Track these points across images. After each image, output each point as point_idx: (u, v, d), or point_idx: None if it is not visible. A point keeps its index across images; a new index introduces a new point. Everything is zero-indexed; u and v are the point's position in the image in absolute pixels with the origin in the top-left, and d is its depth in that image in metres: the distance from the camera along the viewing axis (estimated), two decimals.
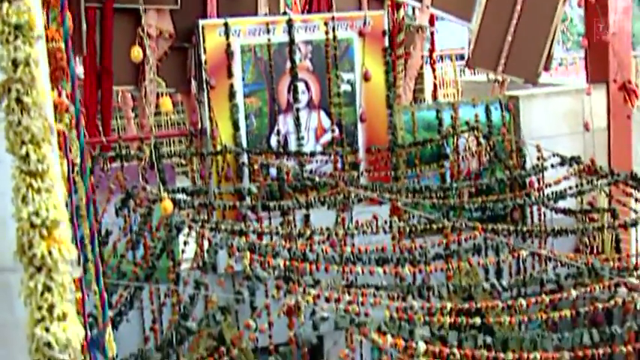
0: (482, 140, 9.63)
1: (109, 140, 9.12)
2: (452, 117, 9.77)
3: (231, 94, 9.02)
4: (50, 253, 1.60)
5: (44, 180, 1.52)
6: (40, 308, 1.52)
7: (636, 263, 7.79)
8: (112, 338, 4.08)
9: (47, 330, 1.61)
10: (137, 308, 8.09)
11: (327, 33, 9.24)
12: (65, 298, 1.63)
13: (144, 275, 7.01)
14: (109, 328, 2.65)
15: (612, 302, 6.13)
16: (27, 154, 1.50)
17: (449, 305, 5.91)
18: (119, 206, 8.14)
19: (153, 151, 7.95)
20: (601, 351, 5.70)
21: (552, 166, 8.93)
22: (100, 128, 9.52)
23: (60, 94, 2.70)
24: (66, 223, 1.64)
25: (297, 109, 9.24)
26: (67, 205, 2.35)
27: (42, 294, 1.51)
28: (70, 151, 2.71)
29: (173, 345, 5.75)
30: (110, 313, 6.95)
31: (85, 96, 9.30)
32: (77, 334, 1.63)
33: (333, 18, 9.31)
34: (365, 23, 9.39)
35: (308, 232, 7.01)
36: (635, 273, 7.03)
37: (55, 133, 1.80)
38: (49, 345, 1.60)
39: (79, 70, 9.68)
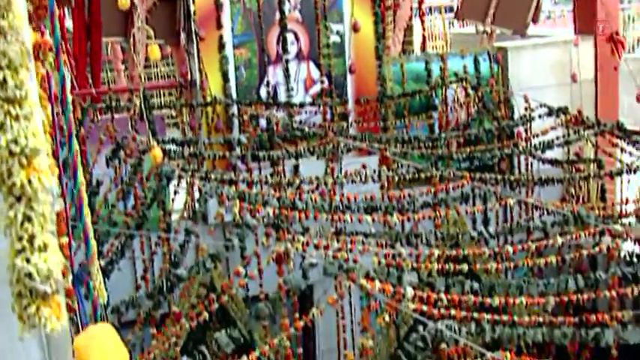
0: (470, 91, 9.57)
1: (98, 92, 9.02)
2: (441, 68, 9.69)
3: (221, 46, 8.91)
4: (30, 182, 1.54)
5: (23, 107, 1.46)
6: (20, 239, 1.47)
7: (621, 211, 7.80)
8: (103, 286, 4.06)
9: (28, 261, 1.56)
10: (129, 258, 8.07)
11: None
12: (46, 229, 1.58)
13: (135, 225, 6.98)
14: (96, 263, 2.60)
15: (597, 249, 6.14)
16: (4, 80, 1.44)
17: (436, 252, 5.91)
18: (109, 157, 8.08)
19: (143, 102, 7.85)
20: (585, 296, 5.71)
21: (540, 116, 8.89)
22: (90, 80, 9.40)
23: (43, 35, 2.62)
24: (45, 152, 1.57)
25: (287, 60, 9.15)
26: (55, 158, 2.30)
27: (22, 224, 1.46)
28: (57, 98, 2.64)
29: (164, 292, 5.73)
30: (101, 262, 6.95)
31: (75, 48, 9.16)
32: (58, 265, 1.58)
33: None
34: None
35: (297, 182, 6.97)
36: (619, 221, 7.04)
37: (32, 59, 1.74)
38: (29, 276, 1.55)
39: (68, 23, 9.55)
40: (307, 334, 9.01)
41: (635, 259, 6.60)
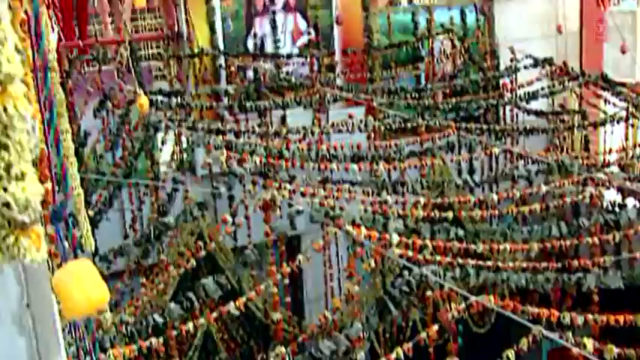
0: (456, 43, 9.48)
1: (85, 44, 8.88)
2: (427, 20, 9.58)
3: None
4: (5, 109, 1.48)
5: None
6: None
7: (604, 161, 7.80)
8: (90, 234, 4.02)
9: (5, 190, 1.51)
10: (118, 210, 8.04)
11: None
12: (23, 158, 1.52)
13: (122, 174, 6.93)
14: (78, 197, 2.55)
15: (580, 196, 6.14)
16: None
17: (422, 200, 5.90)
18: (97, 108, 8.00)
19: (130, 54, 7.75)
20: (568, 243, 5.72)
21: (525, 67, 8.83)
22: (77, 32, 9.25)
23: None
24: (20, 79, 1.51)
25: (274, 12, 9.03)
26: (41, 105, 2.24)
27: None
28: (39, 36, 2.56)
29: (151, 240, 5.70)
30: (90, 213, 6.90)
31: (61, 0, 9.00)
32: (37, 195, 1.53)
33: None
34: None
35: (284, 132, 6.91)
36: (602, 170, 7.03)
37: None
38: (7, 205, 1.50)
39: None
40: (295, 284, 9.04)
41: (616, 207, 6.62)
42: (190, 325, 4.92)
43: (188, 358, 8.02)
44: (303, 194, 5.56)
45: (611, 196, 6.81)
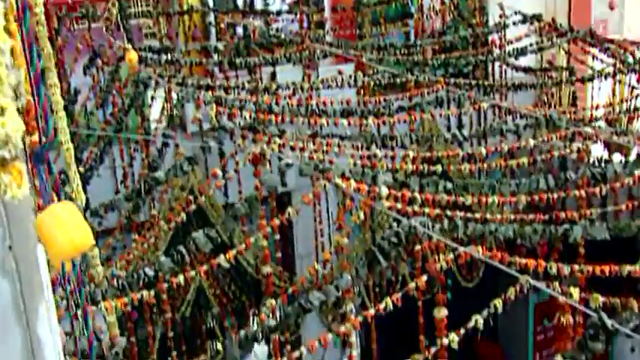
0: None
1: (75, 1, 8.75)
2: None
3: None
4: None
5: None
6: None
7: (591, 115, 7.77)
8: (81, 189, 3.98)
9: None
10: (109, 167, 7.98)
11: None
12: (2, 92, 1.47)
13: (113, 131, 6.85)
14: (68, 152, 2.51)
15: (568, 151, 6.11)
16: None
17: (411, 154, 5.85)
18: (87, 65, 7.91)
19: (119, 11, 7.64)
20: (555, 196, 5.70)
21: (514, 24, 8.75)
22: None
23: None
24: None
25: None
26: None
27: None
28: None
29: (142, 195, 5.65)
30: (81, 169, 6.85)
31: None
32: (18, 131, 1.48)
33: None
34: None
35: (274, 87, 6.84)
36: (589, 124, 7.01)
37: None
38: None
39: None
40: (286, 240, 9.03)
41: (602, 162, 6.61)
42: (181, 278, 4.91)
43: (181, 313, 8.05)
44: (292, 148, 5.51)
45: (598, 151, 6.80)
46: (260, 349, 8.29)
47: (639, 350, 8.90)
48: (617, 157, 6.66)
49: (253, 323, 7.56)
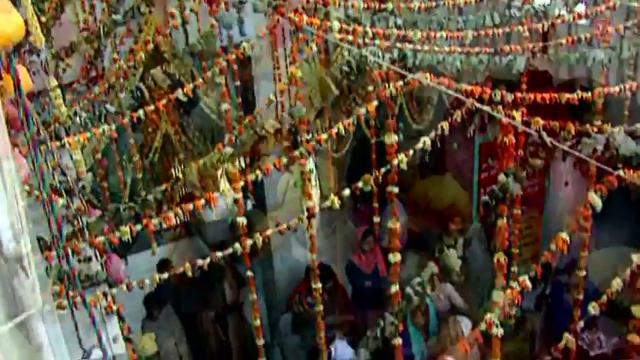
0: None
1: None
2: None
3: None
4: None
5: None
6: None
7: None
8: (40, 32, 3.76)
9: None
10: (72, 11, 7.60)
11: None
12: None
13: None
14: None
15: None
16: None
17: None
18: None
19: None
20: (500, 31, 5.58)
21: None
22: None
23: None
24: None
25: None
26: None
27: None
28: None
29: (101, 37, 5.41)
30: (43, 18, 6.51)
31: None
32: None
33: None
34: None
35: None
36: None
37: None
38: None
39: None
40: (246, 89, 8.81)
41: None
42: (141, 112, 4.76)
43: (149, 160, 7.97)
44: None
45: None
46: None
47: (572, 185, 9.09)
48: None
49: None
